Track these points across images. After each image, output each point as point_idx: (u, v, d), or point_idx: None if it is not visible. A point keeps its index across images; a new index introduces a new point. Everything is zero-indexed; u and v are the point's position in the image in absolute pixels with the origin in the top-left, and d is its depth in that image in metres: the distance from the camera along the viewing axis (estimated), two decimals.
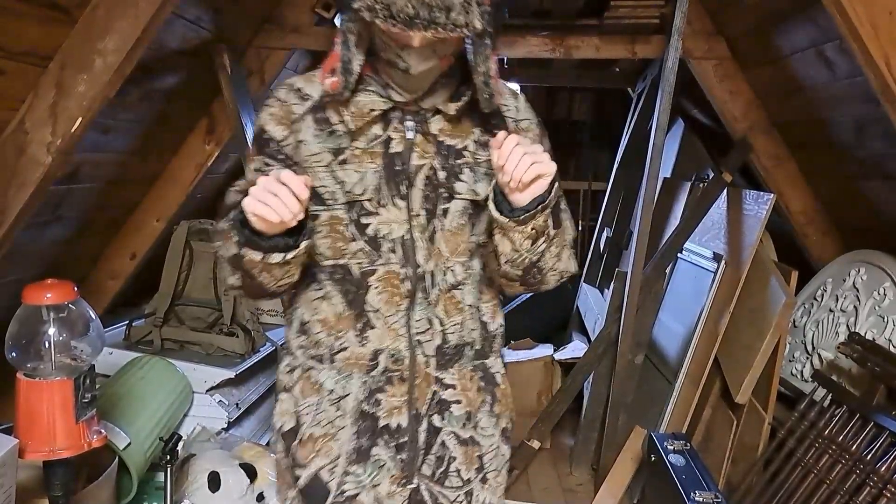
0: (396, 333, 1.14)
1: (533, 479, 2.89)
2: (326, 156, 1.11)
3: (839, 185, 2.49)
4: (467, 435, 1.22)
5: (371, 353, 1.15)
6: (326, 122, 1.12)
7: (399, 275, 1.13)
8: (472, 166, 1.15)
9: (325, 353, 1.17)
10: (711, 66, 2.61)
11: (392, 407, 1.16)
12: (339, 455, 1.16)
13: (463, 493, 1.22)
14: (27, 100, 1.75)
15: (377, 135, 1.12)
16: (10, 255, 2.00)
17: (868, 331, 2.22)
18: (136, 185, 2.60)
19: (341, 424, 1.16)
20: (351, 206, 1.12)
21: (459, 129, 1.15)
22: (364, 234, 1.13)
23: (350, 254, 1.13)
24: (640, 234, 2.62)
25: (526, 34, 2.70)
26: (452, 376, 1.20)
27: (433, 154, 1.13)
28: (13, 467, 1.59)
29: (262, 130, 1.14)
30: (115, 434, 2.02)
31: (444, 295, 1.16)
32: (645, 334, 2.88)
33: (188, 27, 2.20)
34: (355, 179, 1.11)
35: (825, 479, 1.98)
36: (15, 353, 1.66)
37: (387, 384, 1.16)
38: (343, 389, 1.16)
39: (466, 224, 1.18)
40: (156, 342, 2.58)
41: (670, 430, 2.50)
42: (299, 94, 1.14)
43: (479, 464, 1.23)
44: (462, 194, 1.15)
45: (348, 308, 1.15)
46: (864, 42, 1.61)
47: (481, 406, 1.23)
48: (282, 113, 1.13)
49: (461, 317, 1.18)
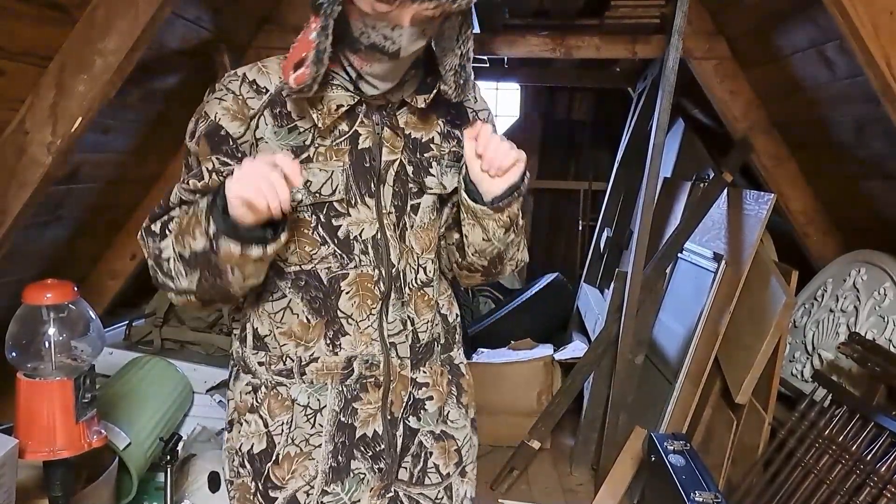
0: (370, 338, 1.09)
1: (533, 479, 2.89)
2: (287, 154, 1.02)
3: (840, 185, 2.49)
4: (439, 430, 1.20)
5: (344, 360, 1.09)
6: (286, 118, 1.04)
7: (372, 277, 1.08)
8: (438, 159, 1.13)
9: (293, 367, 1.10)
10: (712, 66, 2.61)
11: (367, 415, 1.11)
12: (316, 475, 1.11)
13: (442, 488, 1.20)
14: (27, 100, 1.75)
15: (343, 131, 1.05)
16: (11, 255, 2.00)
17: (868, 331, 2.22)
18: (136, 185, 2.60)
19: (316, 442, 1.11)
20: (318, 208, 1.05)
21: (425, 121, 1.12)
22: (335, 237, 1.06)
23: (319, 258, 1.07)
24: (641, 234, 2.62)
25: (526, 34, 2.70)
26: (424, 374, 1.17)
27: (401, 148, 1.09)
28: (13, 467, 1.59)
29: (218, 126, 1.02)
30: (116, 434, 2.02)
31: (416, 293, 1.13)
32: (645, 334, 2.88)
33: (188, 27, 2.20)
34: (322, 179, 1.04)
35: (825, 479, 1.98)
36: (15, 354, 1.66)
37: (361, 391, 1.11)
38: (318, 403, 1.10)
39: (436, 219, 1.16)
40: (156, 342, 2.58)
41: (670, 431, 2.50)
42: (254, 86, 1.04)
43: (457, 458, 1.22)
44: (432, 189, 1.13)
45: (315, 316, 1.08)
46: (865, 42, 1.61)
47: (448, 398, 1.21)
48: (236, 107, 1.03)
49: (431, 314, 1.16)
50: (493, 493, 2.74)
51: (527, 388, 3.17)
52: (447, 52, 1.05)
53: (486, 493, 2.71)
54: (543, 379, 3.18)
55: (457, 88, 1.07)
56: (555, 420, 2.88)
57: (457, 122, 1.16)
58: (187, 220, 0.98)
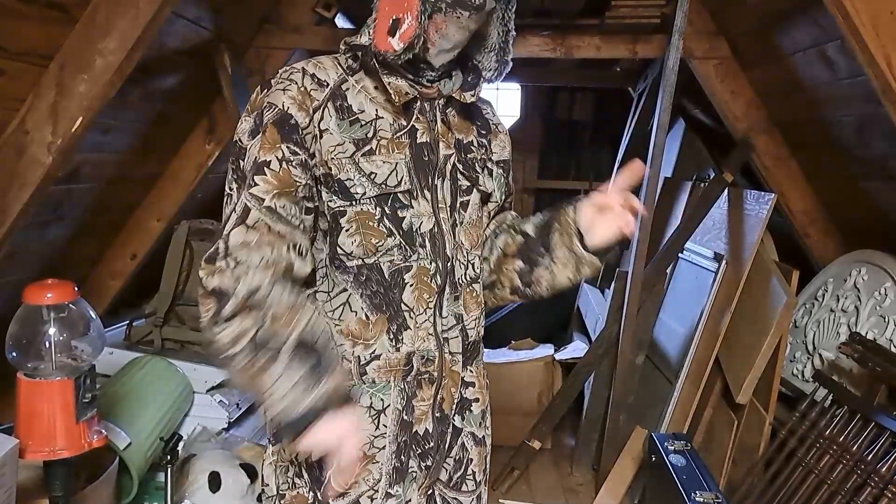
0: (427, 332, 1.09)
1: (534, 479, 2.89)
2: (350, 146, 1.03)
3: (840, 185, 2.48)
4: (482, 434, 1.21)
5: (405, 356, 1.08)
6: (348, 111, 1.04)
7: (429, 270, 1.08)
8: (479, 161, 1.16)
9: (352, 368, 1.08)
10: (713, 66, 2.61)
11: (421, 412, 1.11)
12: (380, 478, 1.09)
13: (475, 496, 1.21)
14: (27, 100, 1.75)
15: (402, 125, 1.07)
16: (11, 255, 2.00)
17: (869, 331, 2.22)
18: (136, 185, 2.60)
19: (380, 444, 1.09)
20: (383, 200, 1.05)
21: (464, 124, 1.16)
22: (400, 228, 1.06)
23: (384, 251, 1.06)
24: (641, 233, 2.62)
25: (527, 34, 2.70)
26: (471, 374, 1.18)
27: (454, 144, 1.12)
28: (13, 467, 1.59)
29: (287, 115, 1.00)
30: (116, 434, 2.01)
31: (466, 289, 1.14)
32: (646, 334, 2.88)
33: (188, 27, 2.20)
34: (387, 171, 1.05)
35: (826, 479, 1.98)
36: (15, 353, 1.66)
37: (417, 388, 1.10)
38: (381, 403, 1.09)
39: (481, 217, 1.18)
40: (156, 342, 2.58)
41: (671, 431, 2.50)
42: (315, 79, 1.04)
43: (485, 465, 1.24)
44: (482, 186, 1.15)
45: (376, 311, 1.07)
46: (865, 42, 1.61)
47: (489, 405, 1.23)
48: (300, 98, 1.02)
49: (478, 311, 1.18)
50: (493, 493, 2.74)
51: (527, 388, 3.17)
52: (489, 31, 1.08)
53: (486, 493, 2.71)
54: (544, 379, 3.18)
55: (499, 67, 1.10)
56: (555, 420, 2.88)
57: (483, 132, 1.20)
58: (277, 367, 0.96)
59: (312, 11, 2.63)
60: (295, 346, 0.97)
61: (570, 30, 2.71)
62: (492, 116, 1.24)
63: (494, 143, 1.22)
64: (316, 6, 2.61)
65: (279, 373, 0.95)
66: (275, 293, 0.98)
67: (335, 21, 2.72)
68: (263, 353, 0.96)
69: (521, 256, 1.18)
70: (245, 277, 0.96)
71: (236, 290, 0.96)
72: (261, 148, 1.00)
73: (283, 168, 1.00)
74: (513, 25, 1.09)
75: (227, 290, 0.96)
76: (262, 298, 0.96)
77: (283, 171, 1.00)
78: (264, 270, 0.98)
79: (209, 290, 0.97)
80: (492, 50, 1.10)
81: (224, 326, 0.96)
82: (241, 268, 0.97)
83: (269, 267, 0.98)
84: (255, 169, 1.00)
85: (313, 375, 0.96)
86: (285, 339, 0.96)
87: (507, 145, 1.25)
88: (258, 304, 0.96)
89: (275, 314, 0.97)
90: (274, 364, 0.96)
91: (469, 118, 1.17)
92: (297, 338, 0.97)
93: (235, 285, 0.96)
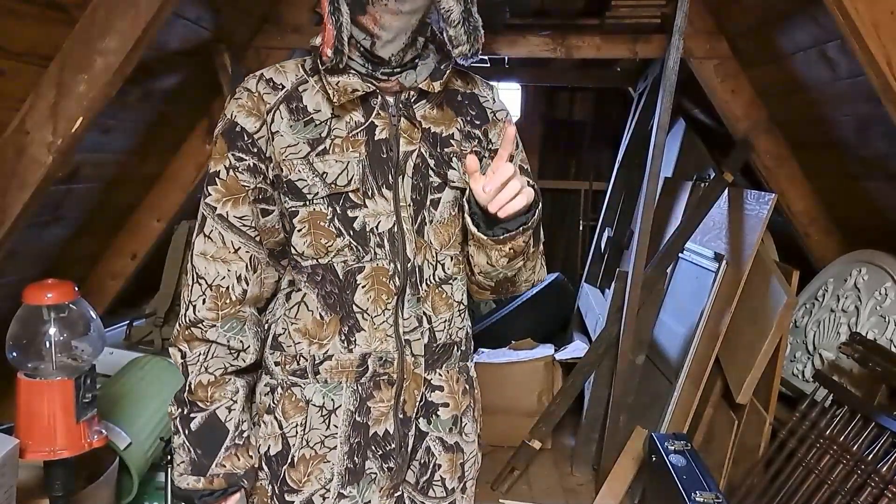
0: (385, 334, 1.08)
1: (534, 479, 2.89)
2: (304, 147, 1.03)
3: (841, 185, 2.48)
4: (453, 441, 1.17)
5: (359, 358, 1.08)
6: (302, 112, 1.04)
7: (388, 271, 1.06)
8: (458, 156, 1.11)
9: (306, 366, 1.09)
10: (713, 66, 2.61)
11: (380, 413, 1.10)
12: (332, 478, 1.10)
13: (447, 503, 1.18)
14: (28, 100, 1.75)
15: (359, 122, 1.05)
16: (11, 255, 2.00)
17: (869, 331, 2.21)
18: (136, 186, 2.60)
19: (331, 444, 1.09)
20: (335, 200, 1.04)
21: (443, 116, 1.11)
22: (351, 229, 1.05)
23: (335, 251, 1.06)
24: (641, 234, 2.61)
25: (527, 34, 2.70)
26: (440, 378, 1.15)
27: (419, 139, 1.07)
28: (14, 467, 1.59)
29: (233, 124, 1.04)
30: (116, 434, 2.02)
31: (434, 290, 1.11)
32: (646, 334, 2.88)
33: (188, 27, 2.20)
34: (338, 170, 1.03)
35: (826, 479, 1.98)
36: (15, 354, 1.66)
37: (374, 389, 1.09)
38: (332, 403, 1.09)
39: (457, 215, 1.12)
40: (157, 342, 2.58)
41: (671, 431, 2.49)
42: (270, 84, 1.05)
43: (461, 472, 1.20)
44: (455, 182, 1.10)
45: (329, 312, 1.07)
46: (865, 41, 1.61)
47: (466, 410, 1.19)
48: (251, 104, 1.04)
49: (450, 313, 1.14)
50: (493, 493, 2.74)
51: (527, 388, 3.17)
52: (449, 4, 1.02)
53: (486, 493, 2.71)
54: (544, 379, 3.18)
55: (469, 40, 1.04)
56: (555, 420, 2.88)
57: (476, 122, 1.15)
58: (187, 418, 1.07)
59: (312, 11, 2.63)
60: (199, 427, 1.06)
61: (570, 30, 2.71)
62: (491, 104, 1.17)
63: (492, 132, 1.16)
64: (316, 6, 2.61)
65: (179, 443, 1.07)
66: (211, 349, 1.07)
67: None
68: (178, 413, 1.07)
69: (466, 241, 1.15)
70: (196, 304, 1.06)
71: (185, 313, 1.07)
72: (213, 158, 1.06)
73: (230, 175, 1.04)
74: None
75: (182, 306, 1.08)
76: (200, 338, 1.06)
77: (230, 178, 1.04)
78: (211, 303, 1.06)
79: (181, 297, 1.10)
80: (458, 22, 1.03)
81: (174, 345, 1.09)
82: (192, 288, 1.06)
83: (215, 300, 1.06)
84: (208, 179, 1.06)
85: (197, 467, 1.06)
86: (193, 416, 1.07)
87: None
88: (199, 339, 1.07)
89: (199, 382, 1.07)
90: (177, 435, 1.07)
91: (454, 109, 1.12)
92: (203, 421, 1.06)
93: (184, 309, 1.07)
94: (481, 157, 1.13)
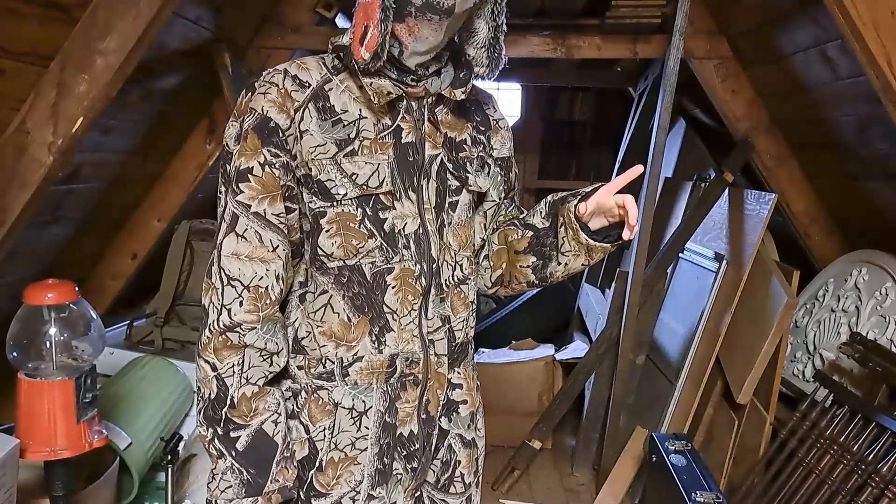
0: (411, 334, 1.09)
1: (534, 479, 2.89)
2: (331, 147, 1.02)
3: (841, 185, 2.48)
4: (470, 437, 1.21)
5: (388, 358, 1.08)
6: (330, 112, 1.03)
7: (414, 272, 1.08)
8: (470, 160, 1.15)
9: (333, 369, 1.08)
10: (713, 66, 2.61)
11: (406, 414, 1.11)
12: (362, 479, 1.09)
13: (464, 498, 1.21)
14: (28, 100, 1.75)
15: (386, 125, 1.05)
16: (12, 255, 2.00)
17: (870, 331, 2.21)
18: (136, 185, 2.60)
19: (362, 446, 1.09)
20: (365, 201, 1.04)
21: (457, 121, 1.14)
22: (382, 230, 1.05)
23: (365, 252, 1.05)
24: (642, 234, 2.61)
25: (527, 34, 2.70)
26: (459, 376, 1.18)
27: (441, 144, 1.10)
28: (14, 467, 1.59)
29: (267, 119, 1.00)
30: (116, 434, 2.01)
31: (453, 291, 1.13)
32: (646, 334, 2.88)
33: (188, 27, 2.20)
34: (368, 172, 1.03)
35: (827, 479, 1.98)
36: (16, 353, 1.66)
37: (401, 390, 1.10)
38: (363, 405, 1.08)
39: (471, 217, 1.17)
40: (157, 342, 2.58)
41: (672, 431, 2.50)
42: (297, 81, 1.03)
43: (475, 466, 1.23)
44: (472, 186, 1.14)
45: (357, 313, 1.06)
46: (866, 41, 1.61)
47: (479, 406, 1.23)
48: (280, 99, 1.01)
49: (466, 313, 1.16)
50: (494, 493, 2.74)
51: (528, 388, 3.17)
52: (478, 26, 1.05)
53: (487, 493, 2.71)
54: (544, 379, 3.18)
55: (490, 64, 1.07)
56: (556, 420, 2.88)
57: (481, 129, 1.19)
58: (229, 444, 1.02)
59: (313, 11, 2.63)
60: (247, 447, 1.02)
61: (570, 30, 2.71)
62: (493, 112, 1.22)
63: (494, 139, 1.20)
64: (316, 6, 2.61)
65: (225, 466, 1.02)
66: (247, 358, 1.02)
67: (335, 21, 2.72)
68: (214, 433, 1.03)
69: (533, 252, 1.18)
70: (230, 307, 1.00)
71: (217, 319, 1.01)
72: (242, 154, 1.00)
73: (265, 172, 1.00)
74: (503, 20, 1.06)
75: (209, 312, 1.01)
76: (237, 344, 1.01)
77: (266, 174, 1.00)
78: (251, 304, 1.01)
79: (203, 304, 1.02)
80: (483, 46, 1.07)
81: (201, 357, 1.03)
82: (224, 292, 1.00)
83: (254, 302, 1.01)
84: (239, 176, 1.01)
85: (252, 488, 1.02)
86: (236, 435, 1.01)
87: (508, 141, 1.23)
88: (234, 345, 1.01)
89: (242, 395, 1.01)
90: (222, 459, 1.02)
91: (464, 115, 1.15)
92: (250, 439, 1.02)
93: (216, 315, 1.00)
94: (485, 163, 1.17)
